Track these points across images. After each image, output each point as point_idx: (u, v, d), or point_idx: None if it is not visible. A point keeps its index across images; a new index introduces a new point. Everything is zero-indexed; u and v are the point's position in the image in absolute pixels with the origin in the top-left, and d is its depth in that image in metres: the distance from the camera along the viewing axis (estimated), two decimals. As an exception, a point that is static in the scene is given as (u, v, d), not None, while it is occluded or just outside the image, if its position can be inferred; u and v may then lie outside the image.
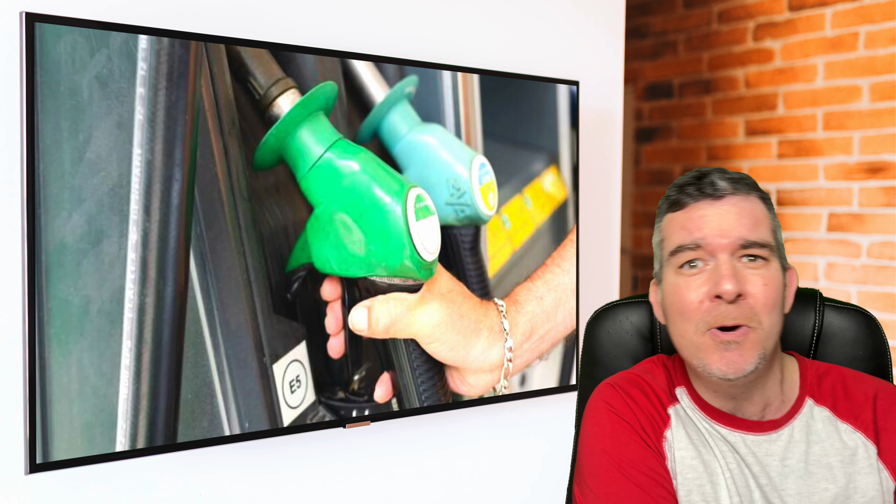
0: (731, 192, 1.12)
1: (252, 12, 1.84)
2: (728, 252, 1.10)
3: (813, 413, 1.16)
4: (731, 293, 1.08)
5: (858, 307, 1.32)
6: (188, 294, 1.62)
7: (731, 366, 1.09)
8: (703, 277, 1.11)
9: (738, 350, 1.09)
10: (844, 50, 3.26)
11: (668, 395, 1.19)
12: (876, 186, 3.18)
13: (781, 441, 1.15)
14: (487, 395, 2.05)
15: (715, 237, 1.10)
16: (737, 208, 1.12)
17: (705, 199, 1.13)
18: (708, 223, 1.11)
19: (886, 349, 1.31)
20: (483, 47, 2.18)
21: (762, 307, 1.09)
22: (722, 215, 1.11)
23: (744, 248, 1.10)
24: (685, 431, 1.16)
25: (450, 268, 1.96)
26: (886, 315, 3.15)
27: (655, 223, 1.20)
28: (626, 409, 1.17)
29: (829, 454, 1.14)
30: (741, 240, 1.10)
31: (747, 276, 1.10)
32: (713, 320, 1.09)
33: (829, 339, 1.31)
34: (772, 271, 1.11)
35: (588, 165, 2.39)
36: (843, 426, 1.15)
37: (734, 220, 1.11)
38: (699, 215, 1.12)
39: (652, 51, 4.00)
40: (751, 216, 1.12)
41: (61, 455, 1.52)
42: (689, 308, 1.11)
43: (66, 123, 1.50)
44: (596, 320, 1.39)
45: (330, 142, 1.77)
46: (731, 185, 1.13)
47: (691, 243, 1.11)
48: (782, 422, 1.16)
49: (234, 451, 1.84)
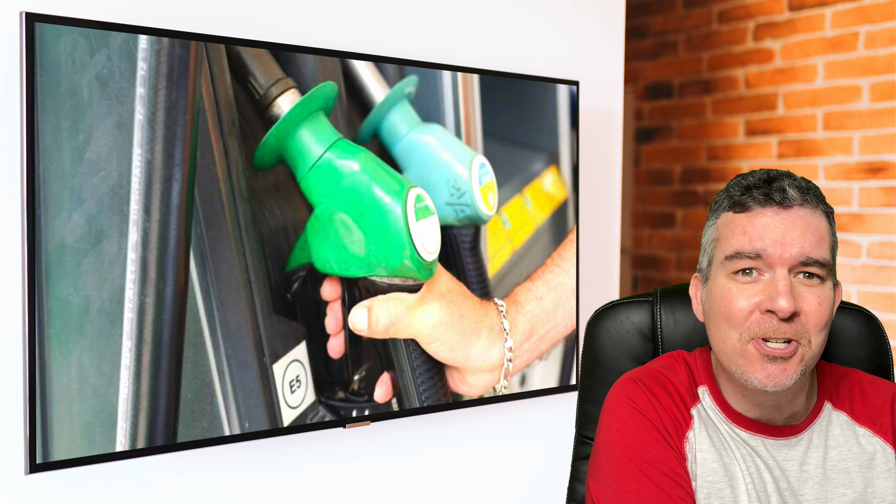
0: (800, 204, 1.08)
1: (252, 12, 1.84)
2: (787, 266, 1.07)
3: (831, 418, 1.15)
4: (787, 311, 1.05)
5: (859, 307, 1.32)
6: (188, 294, 1.62)
7: (772, 379, 1.07)
8: (758, 288, 1.07)
9: (783, 365, 1.06)
10: (844, 50, 3.26)
11: (690, 394, 1.16)
12: (876, 186, 3.18)
13: (801, 446, 1.13)
14: (487, 395, 2.05)
15: (777, 249, 1.06)
16: (803, 222, 1.08)
17: (772, 206, 1.08)
18: (771, 233, 1.07)
19: (888, 349, 1.31)
20: (483, 47, 2.18)
21: (813, 326, 1.07)
22: (787, 227, 1.07)
23: (804, 266, 1.07)
24: (707, 433, 1.14)
25: (450, 268, 1.96)
26: (887, 315, 3.15)
27: (710, 216, 1.16)
28: (649, 407, 1.14)
29: (846, 459, 1.12)
30: (803, 256, 1.06)
31: (803, 293, 1.07)
32: (761, 332, 1.07)
33: (830, 339, 1.30)
34: (826, 290, 1.08)
35: (588, 165, 2.39)
36: (861, 430, 1.14)
37: (799, 234, 1.07)
38: (763, 223, 1.08)
39: (652, 51, 4.00)
40: (816, 232, 1.08)
41: (61, 455, 1.52)
42: (738, 316, 1.08)
43: (66, 123, 1.50)
44: (597, 320, 1.38)
45: (330, 142, 1.77)
46: (800, 196, 1.08)
47: (751, 252, 1.08)
48: (802, 427, 1.14)
49: (234, 451, 1.84)
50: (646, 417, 1.13)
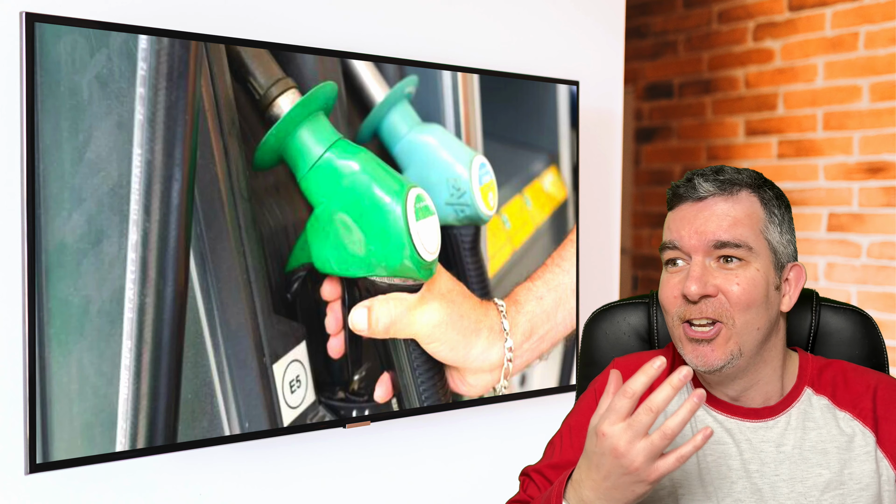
0: (713, 194, 1.16)
1: (252, 12, 1.84)
2: (701, 253, 1.15)
3: (811, 401, 1.19)
4: (694, 294, 1.12)
5: (854, 307, 1.32)
6: (188, 294, 1.62)
7: (702, 359, 1.14)
8: (681, 276, 1.16)
9: (710, 346, 1.13)
10: (844, 50, 3.26)
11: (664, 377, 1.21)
12: (876, 186, 3.18)
13: (778, 428, 1.17)
14: (487, 395, 2.05)
15: (689, 237, 1.15)
16: (717, 209, 1.15)
17: (689, 201, 1.18)
18: (685, 224, 1.16)
19: (883, 349, 1.31)
20: (483, 47, 2.18)
21: (734, 305, 1.13)
22: (698, 217, 1.16)
23: (717, 249, 1.14)
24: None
25: (450, 268, 1.96)
26: (886, 315, 3.15)
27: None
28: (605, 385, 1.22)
29: (825, 440, 1.16)
30: (713, 241, 1.14)
31: (720, 276, 1.14)
32: (684, 315, 1.15)
33: (825, 339, 1.31)
34: (749, 272, 1.14)
35: (588, 165, 2.39)
36: (842, 414, 1.18)
37: (709, 221, 1.15)
38: (681, 216, 1.18)
39: (652, 51, 4.00)
40: (728, 217, 1.15)
41: (61, 455, 1.52)
42: (667, 303, 1.17)
43: (66, 123, 1.50)
44: (594, 321, 1.40)
45: (330, 142, 1.77)
46: (715, 187, 1.16)
47: (669, 243, 1.18)
48: (779, 409, 1.18)
49: (234, 451, 1.84)
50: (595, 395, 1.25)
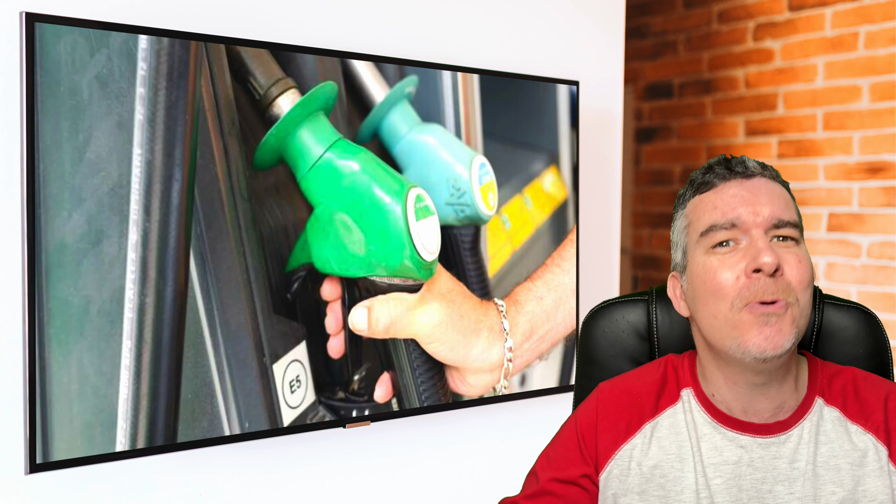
0: (761, 174, 1.13)
1: (252, 12, 1.84)
2: (762, 229, 1.09)
3: (823, 413, 1.14)
4: (771, 266, 1.06)
5: (858, 305, 1.30)
6: (188, 294, 1.62)
7: (770, 341, 1.06)
8: (739, 255, 1.09)
9: (778, 324, 1.06)
10: (844, 50, 3.26)
11: (652, 407, 1.19)
12: (876, 186, 3.18)
13: (791, 443, 1.12)
14: (487, 395, 2.05)
15: (749, 214, 1.09)
16: (768, 188, 1.11)
17: (736, 177, 1.12)
18: (741, 201, 1.10)
19: (887, 347, 1.30)
20: (483, 47, 2.18)
21: (798, 283, 1.08)
22: (755, 193, 1.10)
23: (776, 228, 1.09)
24: (658, 446, 1.16)
25: (450, 268, 1.96)
26: (887, 315, 3.14)
27: (676, 212, 1.18)
28: (591, 416, 1.21)
29: (837, 456, 1.11)
30: (775, 218, 1.09)
31: (781, 254, 1.09)
32: (752, 295, 1.07)
33: (828, 336, 1.29)
34: (802, 251, 1.10)
35: (588, 165, 2.39)
36: (854, 427, 1.13)
37: (767, 198, 1.10)
38: (731, 194, 1.11)
39: (652, 51, 4.00)
40: (782, 197, 1.12)
41: (61, 455, 1.52)
42: (725, 286, 1.08)
43: (66, 123, 1.50)
44: (592, 319, 1.36)
45: (330, 142, 1.77)
46: (760, 168, 1.13)
47: (725, 222, 1.10)
48: (791, 422, 1.13)
49: (234, 451, 1.84)
50: (576, 425, 1.21)
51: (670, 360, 1.22)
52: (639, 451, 1.16)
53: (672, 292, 1.19)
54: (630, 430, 1.17)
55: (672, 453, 1.15)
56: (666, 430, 1.16)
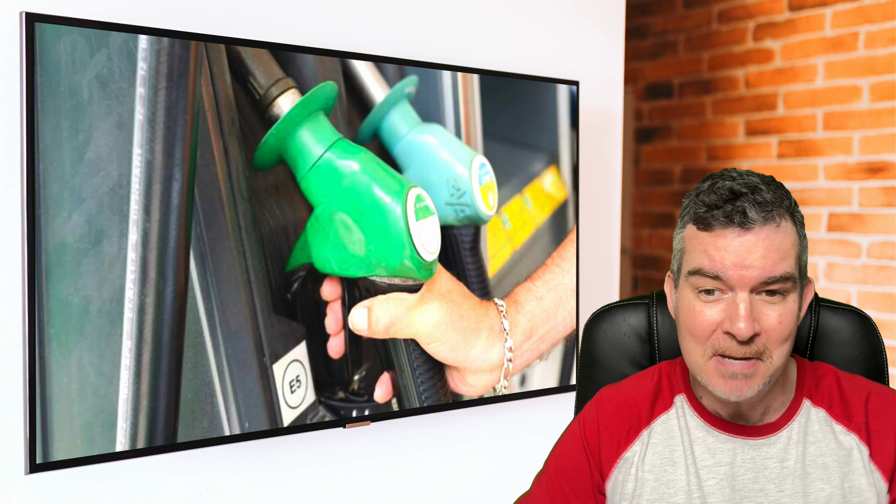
0: (762, 223, 1.08)
1: (252, 12, 1.84)
2: (748, 289, 1.08)
3: (810, 414, 1.17)
4: (745, 335, 1.07)
5: (853, 307, 1.32)
6: (188, 294, 1.62)
7: (735, 392, 1.10)
8: (720, 307, 1.09)
9: (745, 381, 1.09)
10: (844, 50, 3.26)
11: (648, 414, 1.21)
12: (876, 186, 3.18)
13: (780, 443, 1.16)
14: (487, 395, 2.05)
15: (737, 271, 1.07)
16: (766, 242, 1.08)
17: (733, 227, 1.08)
18: (732, 256, 1.08)
19: (882, 349, 1.31)
20: (483, 47, 2.18)
21: (774, 343, 1.09)
22: (748, 249, 1.07)
23: (766, 285, 1.08)
24: (653, 452, 1.19)
25: (450, 268, 1.96)
26: (886, 315, 3.15)
27: (679, 223, 1.17)
28: (592, 424, 1.23)
29: (825, 454, 1.15)
30: (763, 277, 1.07)
31: (763, 311, 1.08)
32: (721, 350, 1.09)
33: (824, 339, 1.30)
34: (788, 304, 1.09)
35: (588, 165, 2.39)
36: (839, 427, 1.16)
37: (760, 255, 1.07)
38: (724, 245, 1.08)
39: (652, 51, 4.00)
40: (779, 250, 1.08)
41: (61, 455, 1.52)
42: (700, 333, 1.11)
43: (66, 123, 1.50)
44: (594, 322, 1.39)
45: (330, 142, 1.77)
46: (761, 215, 1.08)
47: (711, 272, 1.09)
48: (780, 424, 1.17)
49: (234, 451, 1.84)
50: (581, 431, 1.23)
51: (664, 368, 1.26)
52: (637, 458, 1.20)
53: (668, 290, 1.22)
54: (629, 438, 1.21)
55: (665, 457, 1.19)
56: (659, 435, 1.20)
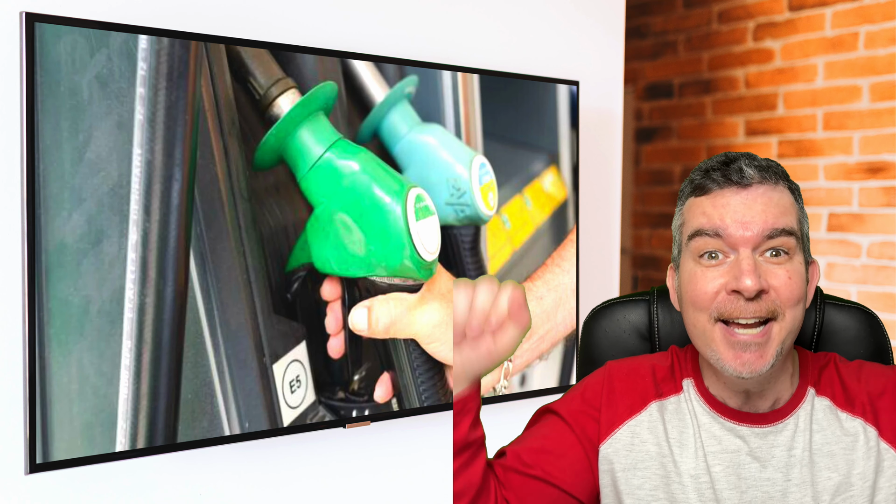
0: (759, 181, 1.08)
1: (252, 12, 1.84)
2: (750, 246, 1.06)
3: (815, 403, 1.16)
4: (752, 290, 1.04)
5: (859, 305, 1.30)
6: (188, 294, 1.62)
7: (748, 366, 1.07)
8: (723, 269, 1.07)
9: (759, 351, 1.06)
10: (844, 50, 3.26)
11: (667, 385, 1.19)
12: (876, 186, 3.18)
13: (788, 431, 1.14)
14: (487, 395, 2.05)
15: (738, 228, 1.06)
16: (764, 198, 1.07)
17: (731, 185, 1.08)
18: (731, 212, 1.07)
19: (888, 347, 1.30)
20: (483, 47, 2.18)
21: (786, 301, 1.06)
22: (747, 205, 1.07)
23: (768, 240, 1.06)
24: (662, 427, 1.17)
25: (450, 268, 1.96)
26: (887, 315, 3.15)
27: (677, 206, 1.17)
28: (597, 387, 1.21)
29: (830, 442, 1.13)
30: (766, 231, 1.06)
31: (770, 270, 1.06)
32: (727, 313, 1.07)
33: (829, 336, 1.29)
34: (795, 265, 1.07)
35: (588, 165, 2.39)
36: (843, 415, 1.15)
37: (760, 210, 1.07)
38: (723, 202, 1.08)
39: (652, 51, 4.00)
40: (778, 206, 1.08)
41: (61, 455, 1.52)
42: (704, 299, 1.08)
43: (66, 123, 1.50)
44: (593, 319, 1.37)
45: (330, 142, 1.77)
46: (758, 174, 1.08)
47: (711, 230, 1.08)
48: (786, 411, 1.15)
49: (234, 451, 1.84)
50: (583, 397, 1.22)
51: (677, 351, 1.24)
52: (644, 429, 1.17)
53: (670, 283, 1.21)
54: (635, 406, 1.18)
55: (674, 437, 1.16)
56: (671, 414, 1.18)
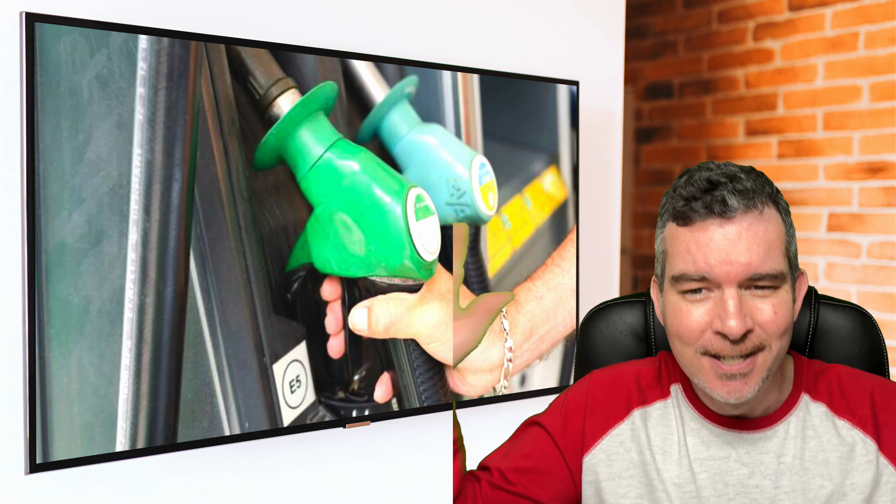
0: (744, 211, 1.03)
1: (252, 12, 1.84)
2: (734, 284, 1.03)
3: (809, 408, 1.14)
4: (737, 333, 1.02)
5: (854, 304, 1.30)
6: (188, 294, 1.62)
7: (734, 394, 1.06)
8: (708, 306, 1.05)
9: (743, 381, 1.05)
10: (844, 50, 3.26)
11: (643, 396, 1.18)
12: (876, 186, 3.18)
13: (777, 437, 1.13)
14: (487, 395, 2.05)
15: (722, 267, 1.02)
16: (749, 232, 1.03)
17: (713, 218, 1.03)
18: (715, 252, 1.03)
19: (882, 347, 1.30)
20: (483, 47, 2.18)
21: (772, 334, 1.04)
22: (732, 242, 1.02)
23: (752, 281, 1.03)
24: (645, 435, 1.16)
25: (450, 268, 1.96)
26: (886, 315, 3.15)
27: (658, 224, 1.14)
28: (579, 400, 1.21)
29: (826, 450, 1.12)
30: (750, 272, 1.02)
31: (756, 305, 1.04)
32: (714, 351, 1.05)
33: (824, 336, 1.29)
34: (782, 296, 1.05)
35: (588, 165, 2.39)
36: (841, 423, 1.12)
37: (745, 248, 1.02)
38: (706, 239, 1.03)
39: (652, 51, 4.00)
40: (763, 242, 1.03)
41: (61, 455, 1.52)
42: (689, 335, 1.06)
43: (66, 123, 1.50)
44: (590, 320, 1.37)
45: (330, 142, 1.77)
46: (742, 203, 1.03)
47: (696, 275, 1.04)
48: (777, 417, 1.13)
49: (234, 451, 1.84)
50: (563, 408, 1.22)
51: (665, 356, 1.23)
52: (627, 438, 1.17)
53: (655, 295, 1.19)
54: (619, 415, 1.18)
55: (657, 445, 1.16)
56: (654, 421, 1.17)
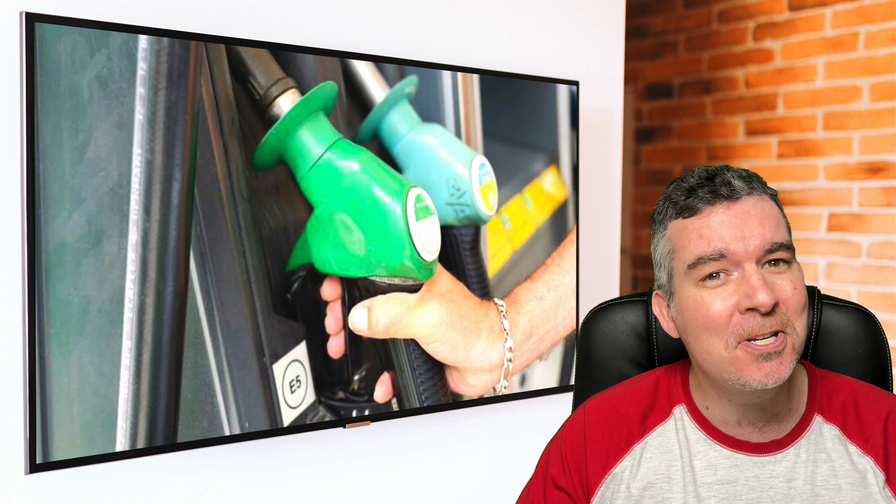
0: (748, 192, 1.05)
1: (252, 12, 1.84)
2: (754, 260, 1.02)
3: (822, 430, 1.10)
4: (768, 304, 1.00)
5: (857, 305, 1.28)
6: (188, 294, 1.62)
7: (771, 376, 1.02)
8: (731, 289, 1.03)
9: (779, 359, 1.02)
10: (844, 50, 3.26)
11: (641, 427, 1.15)
12: (876, 186, 3.18)
13: (787, 461, 1.09)
14: (487, 395, 2.05)
15: (739, 244, 1.02)
16: (757, 210, 1.04)
17: (721, 201, 1.04)
18: (729, 229, 1.03)
19: (886, 347, 1.29)
20: (483, 47, 2.18)
21: (794, 311, 1.03)
22: (743, 219, 1.03)
23: (769, 253, 1.03)
24: (653, 465, 1.13)
25: (450, 268, 1.96)
26: (886, 315, 3.14)
27: (656, 229, 1.12)
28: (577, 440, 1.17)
29: (838, 475, 1.08)
30: (767, 244, 1.02)
31: (776, 282, 1.03)
32: (747, 333, 1.02)
33: (827, 337, 1.27)
34: (795, 272, 1.04)
35: (588, 165, 2.39)
36: (853, 448, 1.09)
37: (757, 222, 1.03)
38: (718, 221, 1.03)
39: (652, 51, 4.00)
40: (771, 217, 1.04)
41: (61, 455, 1.52)
42: (718, 322, 1.03)
43: (66, 123, 1.50)
44: (591, 320, 1.35)
45: (330, 142, 1.77)
46: (745, 185, 1.05)
47: (714, 253, 1.03)
48: (788, 441, 1.10)
49: (234, 451, 1.84)
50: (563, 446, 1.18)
51: (661, 376, 1.19)
52: (628, 474, 1.13)
53: (658, 311, 1.15)
54: (619, 452, 1.14)
55: (661, 473, 1.12)
56: (655, 449, 1.13)
